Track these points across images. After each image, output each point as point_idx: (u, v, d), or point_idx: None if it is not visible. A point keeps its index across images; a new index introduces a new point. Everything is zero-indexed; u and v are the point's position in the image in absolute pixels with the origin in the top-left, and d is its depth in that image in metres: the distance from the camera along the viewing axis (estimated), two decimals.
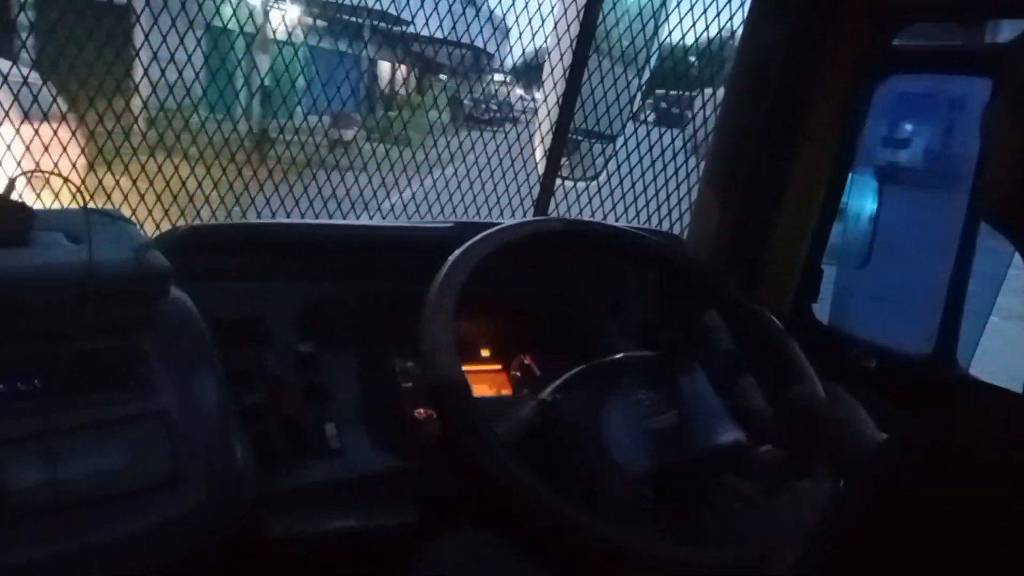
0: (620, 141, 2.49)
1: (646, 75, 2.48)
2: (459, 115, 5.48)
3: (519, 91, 6.03)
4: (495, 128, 3.78)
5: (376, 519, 1.18)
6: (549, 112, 2.38)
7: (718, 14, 2.29)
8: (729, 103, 1.71)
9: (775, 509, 1.04)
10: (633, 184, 2.59)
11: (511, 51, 3.86)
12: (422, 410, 1.23)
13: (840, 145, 1.57)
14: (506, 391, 1.41)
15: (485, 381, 1.40)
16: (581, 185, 2.57)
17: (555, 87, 2.31)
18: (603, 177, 2.61)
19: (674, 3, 2.53)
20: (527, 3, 3.14)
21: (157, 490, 0.94)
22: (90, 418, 0.92)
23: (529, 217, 2.61)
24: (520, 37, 3.31)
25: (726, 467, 1.13)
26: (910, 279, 1.59)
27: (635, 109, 2.44)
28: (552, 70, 2.27)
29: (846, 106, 1.54)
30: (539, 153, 2.33)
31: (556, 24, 2.34)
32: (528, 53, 3.88)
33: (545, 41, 2.66)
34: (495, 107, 5.66)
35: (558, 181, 2.39)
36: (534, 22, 3.23)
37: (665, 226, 2.49)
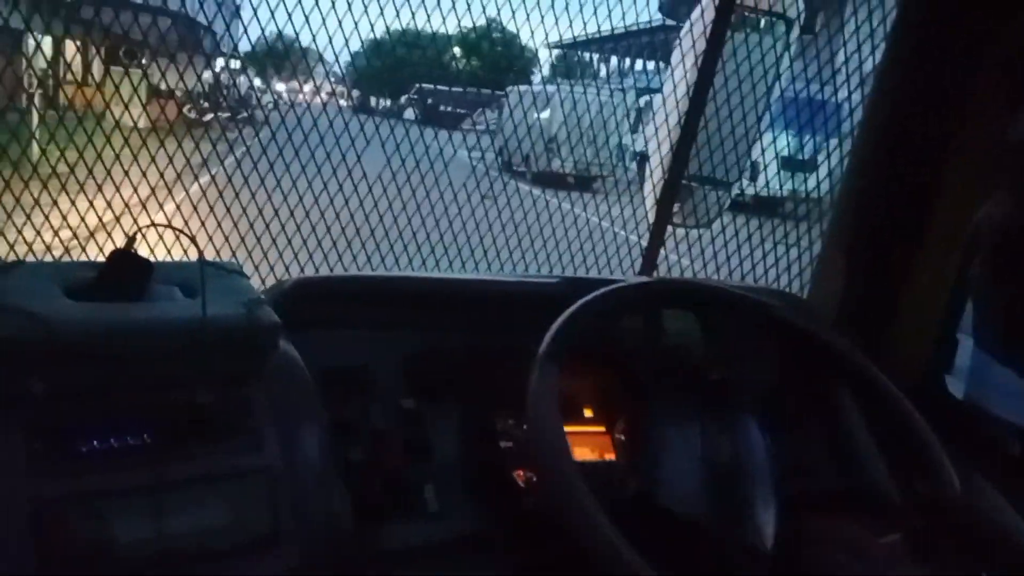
0: (736, 188, 2.43)
1: (765, 121, 2.41)
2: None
3: (257, 81, 4.32)
4: (228, 127, 3.10)
5: None
6: (662, 159, 2.34)
7: (846, 60, 2.19)
8: (859, 153, 1.62)
9: None
10: (749, 236, 2.50)
11: (246, 32, 2.78)
12: (521, 472, 1.20)
13: (983, 202, 1.46)
14: (609, 455, 1.36)
15: (588, 444, 1.36)
16: (694, 233, 2.51)
17: (669, 133, 2.27)
18: (716, 227, 2.54)
19: (798, 49, 2.46)
20: None
21: (257, 548, 0.94)
22: (196, 472, 0.92)
23: (636, 264, 2.56)
24: (255, 14, 2.58)
25: (837, 551, 1.05)
26: None
27: (753, 156, 2.37)
28: (667, 116, 2.23)
29: (994, 156, 1.43)
30: (649, 200, 2.28)
31: (673, 70, 2.31)
32: (270, 34, 3.06)
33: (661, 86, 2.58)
34: (223, 102, 4.29)
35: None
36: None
37: (784, 281, 2.39)
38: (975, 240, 1.47)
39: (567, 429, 1.02)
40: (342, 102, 3.74)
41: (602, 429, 1.39)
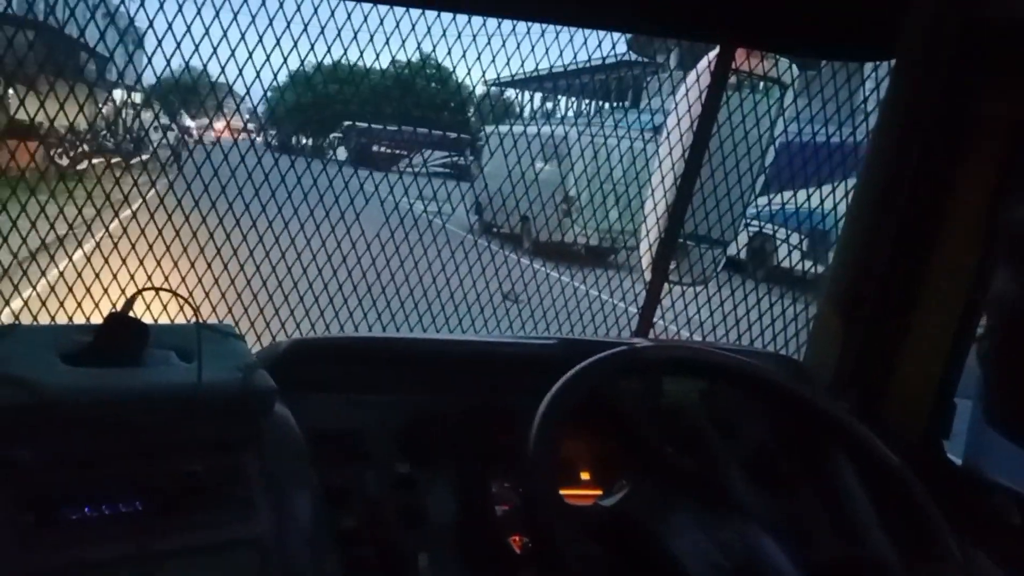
0: (732, 248, 2.44)
1: (760, 181, 2.43)
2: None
3: (164, 118, 3.63)
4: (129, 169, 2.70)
5: None
6: (658, 218, 2.36)
7: (840, 124, 2.22)
8: (854, 212, 1.63)
9: None
10: (746, 296, 2.51)
11: (150, 62, 2.47)
12: (517, 538, 1.18)
13: (979, 266, 1.46)
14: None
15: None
16: (689, 293, 2.52)
17: (665, 193, 2.29)
18: (712, 288, 2.55)
19: (793, 111, 2.50)
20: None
21: None
22: (188, 542, 0.91)
23: (632, 325, 2.55)
24: (160, 45, 2.31)
25: None
26: None
27: (748, 216, 2.39)
28: (663, 178, 2.25)
29: (987, 221, 1.45)
30: (646, 260, 2.29)
31: (668, 133, 2.34)
32: (176, 67, 2.66)
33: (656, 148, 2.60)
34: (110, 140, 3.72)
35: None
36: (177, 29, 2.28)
37: (780, 342, 2.39)
38: (977, 303, 1.47)
39: (564, 492, 1.01)
40: (258, 139, 3.52)
41: (599, 493, 1.38)
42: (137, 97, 3.57)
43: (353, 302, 2.77)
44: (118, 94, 3.29)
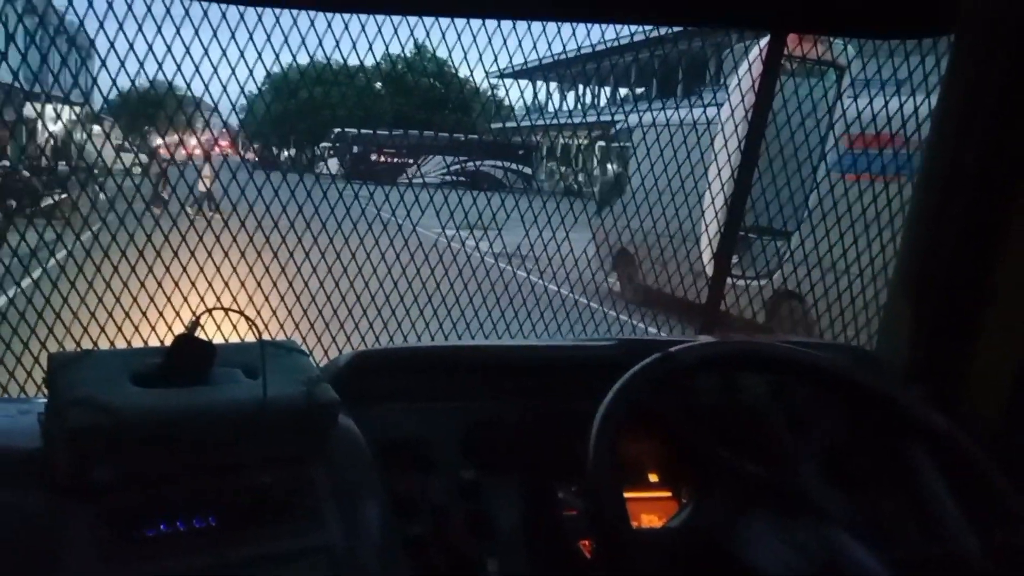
0: (796, 239, 2.38)
1: (822, 170, 2.37)
2: None
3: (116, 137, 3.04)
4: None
5: None
6: (716, 211, 2.32)
7: (901, 106, 2.16)
8: (920, 197, 1.58)
9: None
10: (812, 287, 2.44)
11: (94, 83, 2.28)
12: (587, 543, 1.18)
13: None
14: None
15: (654, 510, 1.32)
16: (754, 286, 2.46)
17: (723, 187, 2.25)
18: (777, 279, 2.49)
19: (853, 92, 2.43)
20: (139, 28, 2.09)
21: None
22: (261, 553, 0.93)
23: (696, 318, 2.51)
24: (123, 65, 2.12)
25: None
26: None
27: (811, 204, 2.33)
28: (720, 170, 2.21)
29: None
30: (707, 255, 2.26)
31: (723, 124, 2.30)
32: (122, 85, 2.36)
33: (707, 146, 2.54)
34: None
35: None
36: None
37: (851, 332, 2.32)
38: None
39: (632, 495, 1.00)
40: (234, 156, 3.34)
41: (668, 495, 1.36)
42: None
43: (415, 312, 2.80)
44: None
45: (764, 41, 2.06)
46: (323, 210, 2.67)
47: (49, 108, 2.54)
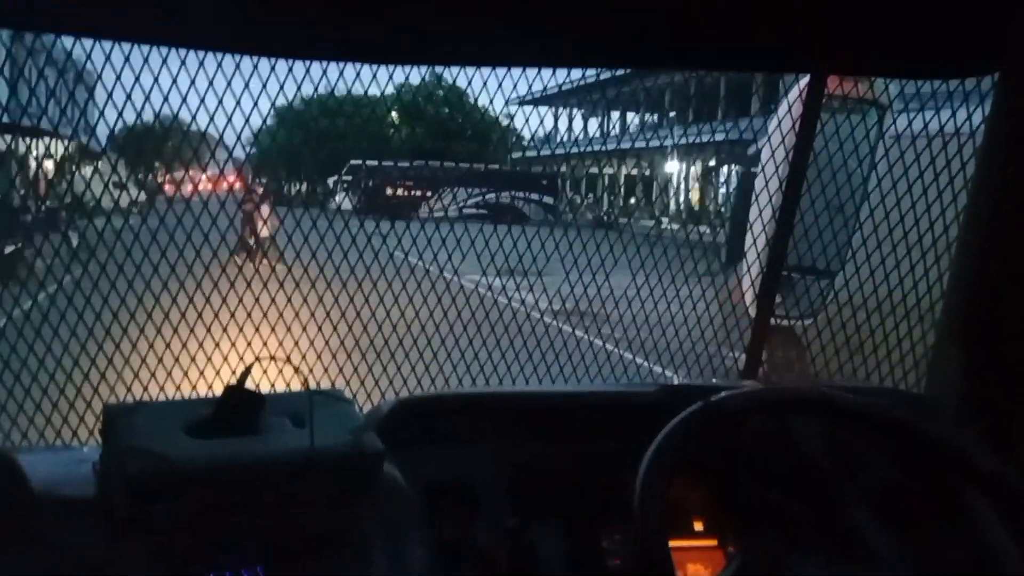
0: (840, 279, 2.36)
1: (865, 210, 2.35)
2: None
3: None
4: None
5: None
6: (758, 251, 2.31)
7: (945, 145, 2.13)
8: (967, 236, 1.56)
9: None
10: (858, 328, 2.40)
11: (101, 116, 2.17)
12: None
13: None
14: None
15: (699, 559, 1.31)
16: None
17: (764, 227, 2.24)
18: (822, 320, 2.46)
19: (895, 128, 2.41)
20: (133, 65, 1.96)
21: None
22: None
23: (739, 358, 2.48)
24: (130, 98, 2.03)
25: None
26: None
27: (855, 244, 2.30)
28: (760, 211, 2.21)
29: None
30: (749, 295, 2.24)
31: (764, 164, 2.30)
32: (128, 118, 2.15)
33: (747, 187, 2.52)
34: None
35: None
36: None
37: (898, 374, 2.27)
38: None
39: (676, 544, 0.99)
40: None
41: (714, 543, 1.34)
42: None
43: (456, 356, 2.80)
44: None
45: (804, 81, 2.06)
46: (355, 251, 2.68)
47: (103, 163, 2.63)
